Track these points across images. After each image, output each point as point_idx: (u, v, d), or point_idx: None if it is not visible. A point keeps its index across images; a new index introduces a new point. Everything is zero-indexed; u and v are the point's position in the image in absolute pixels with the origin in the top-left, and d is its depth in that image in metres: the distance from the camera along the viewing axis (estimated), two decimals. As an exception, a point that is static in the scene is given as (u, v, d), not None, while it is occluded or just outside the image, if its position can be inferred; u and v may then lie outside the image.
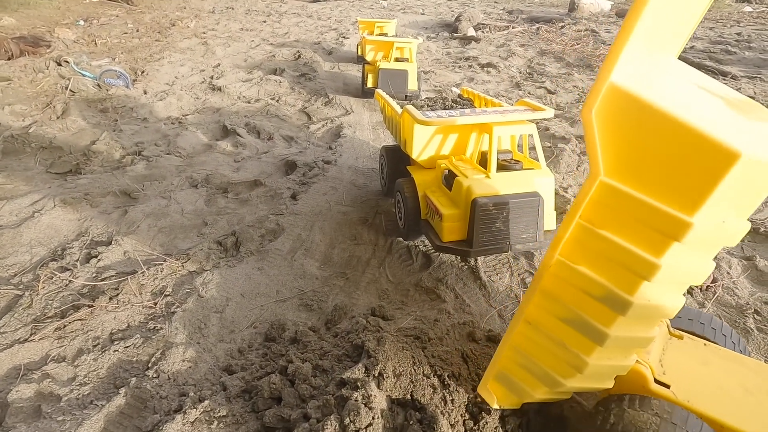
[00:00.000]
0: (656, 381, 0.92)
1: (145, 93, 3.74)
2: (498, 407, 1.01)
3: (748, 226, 0.75)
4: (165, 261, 1.75)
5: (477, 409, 1.09)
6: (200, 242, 1.90)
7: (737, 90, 4.29)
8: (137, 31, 6.33)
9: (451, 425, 1.03)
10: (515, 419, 1.09)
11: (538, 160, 1.71)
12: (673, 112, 0.63)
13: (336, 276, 1.77)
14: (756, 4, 13.54)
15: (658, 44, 0.71)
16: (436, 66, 5.37)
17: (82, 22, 6.40)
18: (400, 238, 1.96)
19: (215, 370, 1.32)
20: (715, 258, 1.74)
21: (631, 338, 0.80)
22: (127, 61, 4.65)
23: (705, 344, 1.03)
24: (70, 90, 3.38)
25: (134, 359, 1.34)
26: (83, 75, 3.63)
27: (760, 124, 0.72)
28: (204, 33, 6.56)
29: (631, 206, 0.69)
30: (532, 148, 1.78)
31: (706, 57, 5.97)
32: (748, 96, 4.13)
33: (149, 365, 1.31)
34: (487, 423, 1.06)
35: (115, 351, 1.35)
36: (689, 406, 0.87)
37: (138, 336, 1.40)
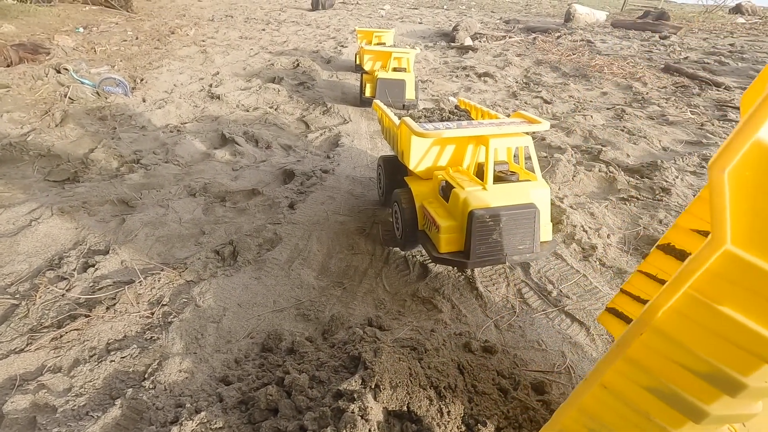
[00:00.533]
0: None
1: (144, 101, 3.76)
2: None
3: None
4: (162, 270, 1.76)
5: (473, 420, 1.09)
6: (198, 251, 1.90)
7: (730, 101, 4.36)
8: (136, 38, 6.36)
9: (447, 437, 1.04)
10: (511, 431, 1.10)
11: (534, 172, 1.73)
12: None
13: (333, 286, 1.78)
14: (749, 15, 13.76)
15: None
16: (433, 75, 5.42)
17: (81, 30, 6.43)
18: (397, 248, 1.97)
19: (212, 381, 1.32)
20: None
21: (734, 416, 0.72)
22: (126, 69, 4.68)
23: None
24: (69, 98, 3.40)
25: (131, 370, 1.33)
26: (82, 83, 3.65)
27: None
28: (203, 41, 6.60)
29: (757, 280, 0.61)
30: (528, 159, 1.79)
31: (700, 68, 6.05)
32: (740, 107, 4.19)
33: (146, 376, 1.30)
34: (482, 435, 1.06)
35: (111, 361, 1.35)
36: None
37: (135, 346, 1.40)
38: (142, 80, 4.26)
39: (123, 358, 1.37)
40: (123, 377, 1.31)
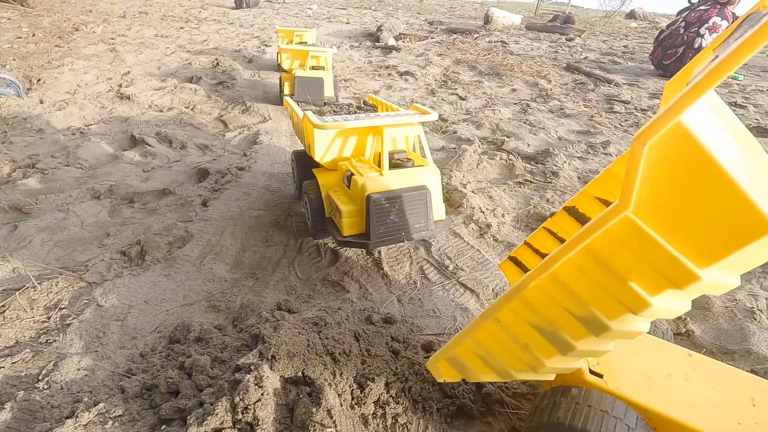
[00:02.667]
0: (591, 372, 1.00)
1: (42, 102, 3.49)
2: (443, 381, 1.09)
3: (738, 283, 0.77)
4: (61, 274, 1.70)
5: (364, 379, 1.22)
6: (101, 253, 1.85)
7: (618, 95, 4.92)
8: (33, 35, 5.82)
9: (338, 394, 1.15)
10: (398, 385, 1.23)
11: (426, 158, 1.89)
12: (728, 169, 0.62)
13: (246, 277, 1.82)
14: (641, 20, 15.50)
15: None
16: (357, 74, 5.55)
17: (-36, 26, 5.75)
18: (310, 237, 2.06)
19: (114, 376, 1.32)
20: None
21: (592, 351, 0.85)
22: (21, 69, 4.29)
23: None
24: (-51, 100, 3.07)
25: (23, 374, 1.30)
26: (-35, 83, 3.31)
27: None
28: (113, 39, 6.19)
29: (646, 247, 0.69)
30: (422, 147, 1.96)
31: (596, 66, 6.76)
32: (625, 100, 4.78)
33: (39, 378, 1.28)
34: (371, 390, 1.19)
35: (0, 368, 1.30)
36: (618, 393, 0.95)
37: (27, 350, 1.36)
38: (39, 80, 3.94)
39: (14, 363, 1.32)
40: (14, 381, 1.27)
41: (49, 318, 1.50)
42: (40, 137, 2.92)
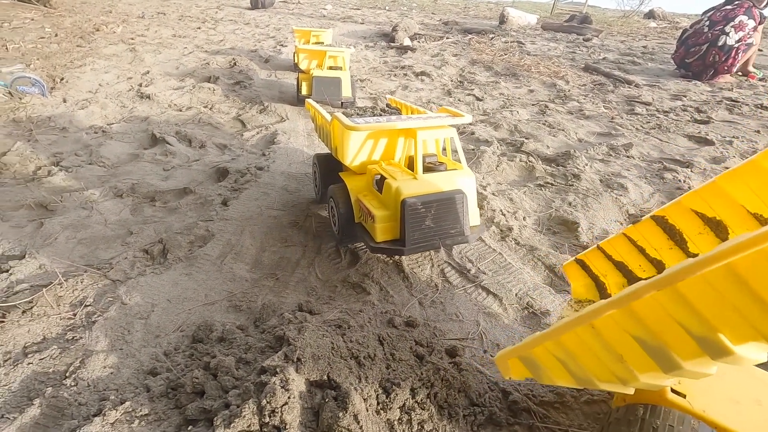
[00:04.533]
0: (673, 391, 0.94)
1: (65, 101, 3.56)
2: (509, 378, 1.05)
3: None
4: (86, 272, 1.71)
5: (389, 383, 1.20)
6: (124, 251, 1.87)
7: (639, 97, 4.83)
8: (56, 36, 5.94)
9: (364, 399, 1.13)
10: (424, 390, 1.21)
11: (460, 162, 1.86)
12: None
13: (266, 277, 1.82)
14: (660, 20, 15.22)
15: None
16: (372, 74, 5.54)
17: (-10, 26, 5.90)
18: (329, 239, 2.05)
19: (139, 374, 1.33)
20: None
21: (696, 373, 0.77)
22: (44, 68, 4.38)
23: None
24: (-24, 98, 3.14)
25: (50, 370, 1.31)
26: (-9, 82, 3.38)
27: None
28: (132, 39, 6.29)
29: None
30: (455, 150, 1.93)
31: (616, 67, 6.64)
32: (646, 102, 4.69)
33: (67, 374, 1.29)
34: (397, 395, 1.17)
35: (29, 364, 1.31)
36: (703, 416, 0.89)
37: (55, 347, 1.37)
38: (62, 80, 4.01)
39: (42, 359, 1.34)
40: (42, 378, 1.28)
41: (74, 315, 1.52)
42: (63, 135, 2.97)
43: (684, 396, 0.94)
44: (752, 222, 1.15)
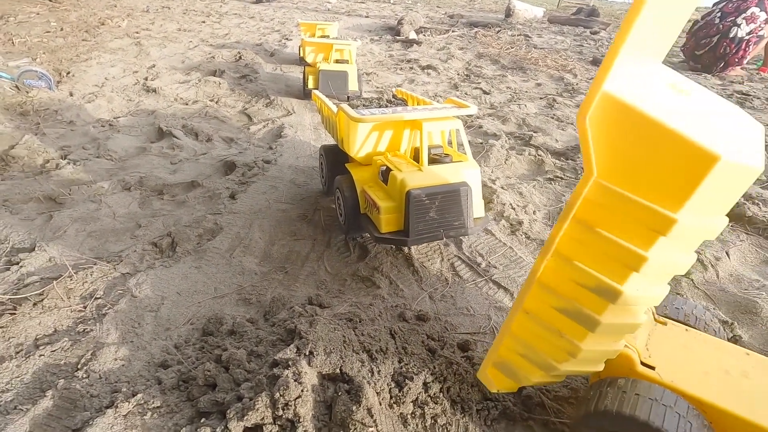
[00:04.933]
0: (642, 363, 0.99)
1: (71, 95, 3.55)
2: (497, 391, 1.08)
3: (725, 222, 0.82)
4: (95, 264, 1.71)
5: (402, 377, 1.19)
6: (133, 244, 1.87)
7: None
8: (61, 30, 5.93)
9: (377, 393, 1.12)
10: (437, 385, 1.20)
11: (466, 154, 1.84)
12: (660, 118, 0.69)
13: (275, 271, 1.81)
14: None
15: (647, 52, 0.77)
16: (378, 68, 5.50)
17: (-4, 20, 5.90)
18: (338, 232, 2.03)
19: (150, 367, 1.33)
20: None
21: (620, 324, 0.86)
22: (50, 62, 4.37)
23: (687, 330, 1.12)
24: (-16, 92, 3.14)
25: (62, 362, 1.31)
26: (-1, 76, 3.38)
27: (736, 126, 0.80)
28: (137, 33, 6.27)
29: (622, 204, 0.75)
30: (461, 142, 1.91)
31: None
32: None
33: (78, 366, 1.29)
34: (410, 389, 1.16)
35: (40, 356, 1.31)
36: (672, 385, 0.94)
37: (66, 339, 1.37)
38: (68, 73, 4.01)
39: (53, 351, 1.33)
40: (54, 370, 1.28)
41: (85, 307, 1.52)
42: (71, 129, 2.97)
43: (653, 368, 0.98)
44: None
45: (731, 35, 5.52)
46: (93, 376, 1.26)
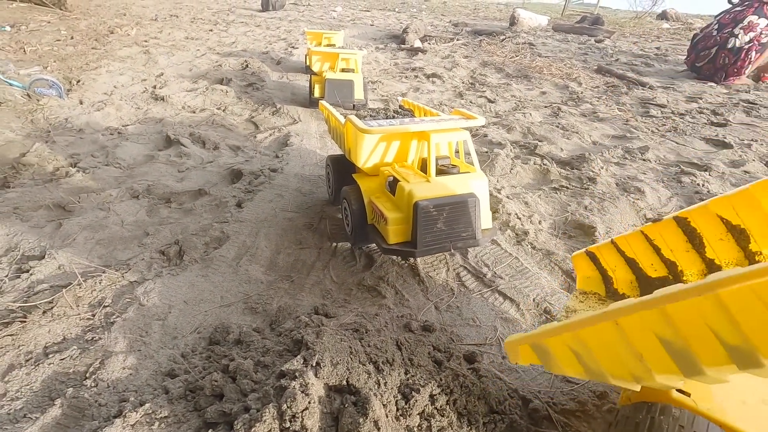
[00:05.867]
0: (678, 390, 0.94)
1: (81, 103, 3.60)
2: (516, 363, 1.04)
3: None
4: (104, 272, 1.73)
5: (408, 389, 1.19)
6: (141, 252, 1.88)
7: (653, 99, 4.76)
8: (71, 38, 6.03)
9: (383, 405, 1.12)
10: (443, 397, 1.20)
11: (473, 165, 1.85)
12: None
13: (281, 279, 1.82)
14: (673, 21, 15.02)
15: None
16: (383, 76, 5.54)
17: (8, 28, 6.01)
18: (344, 241, 2.04)
19: (157, 376, 1.33)
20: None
21: (716, 378, 0.75)
22: (61, 70, 4.44)
23: None
24: (-4, 100, 3.20)
25: (71, 370, 1.32)
26: (10, 84, 3.44)
27: None
28: (146, 41, 6.36)
29: None
30: (468, 153, 1.91)
31: (629, 69, 6.57)
32: (661, 104, 4.62)
33: (87, 375, 1.30)
34: (417, 401, 1.16)
35: (50, 364, 1.33)
36: (709, 415, 0.88)
37: (75, 347, 1.38)
38: (78, 82, 4.07)
39: (62, 359, 1.35)
40: (63, 378, 1.29)
41: (94, 315, 1.53)
42: (80, 137, 3.01)
43: (689, 395, 0.93)
44: None
45: (729, 46, 5.56)
46: (101, 385, 1.27)
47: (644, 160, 3.13)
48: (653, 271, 1.32)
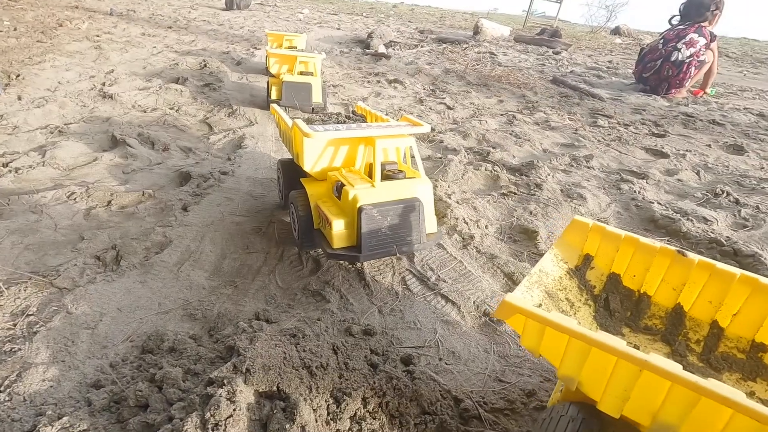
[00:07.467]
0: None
1: (20, 99, 3.40)
2: (498, 319, 0.98)
3: None
4: (30, 279, 1.64)
5: (341, 393, 1.19)
6: (74, 258, 1.80)
7: (602, 110, 5.01)
8: (14, 30, 5.68)
9: (313, 410, 1.12)
10: (375, 400, 1.21)
11: (418, 170, 1.88)
12: None
13: (225, 285, 1.78)
14: (625, 36, 15.90)
15: None
16: (346, 80, 5.55)
17: (-59, 17, 5.58)
18: (292, 245, 2.03)
19: (81, 387, 1.27)
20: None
21: None
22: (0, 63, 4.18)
23: None
24: None
25: (-16, 385, 1.24)
26: (-62, 77, 3.20)
27: None
28: (98, 36, 6.09)
29: None
30: (414, 158, 1.95)
31: (582, 80, 6.89)
32: (609, 114, 4.88)
33: (1, 389, 1.22)
34: (348, 405, 1.16)
35: (-41, 378, 1.24)
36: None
37: (-10, 360, 1.30)
38: (18, 76, 3.84)
39: (-25, 373, 1.26)
40: (-27, 393, 1.21)
41: (14, 325, 1.45)
42: (15, 135, 2.83)
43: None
44: None
45: (672, 59, 6.03)
46: (16, 399, 1.20)
47: (589, 167, 3.30)
48: (629, 280, 1.37)
